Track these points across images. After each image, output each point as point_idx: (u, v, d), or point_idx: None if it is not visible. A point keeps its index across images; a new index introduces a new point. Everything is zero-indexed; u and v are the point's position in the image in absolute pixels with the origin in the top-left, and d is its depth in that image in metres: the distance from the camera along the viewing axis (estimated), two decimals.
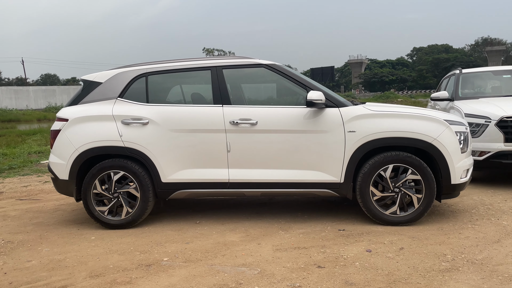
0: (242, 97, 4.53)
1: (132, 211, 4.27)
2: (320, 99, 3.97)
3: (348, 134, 4.03)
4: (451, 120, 4.13)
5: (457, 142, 4.04)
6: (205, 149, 4.17)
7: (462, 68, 7.51)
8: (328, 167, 4.09)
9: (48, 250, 3.81)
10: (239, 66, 4.38)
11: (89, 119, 4.29)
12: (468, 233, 3.83)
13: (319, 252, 3.49)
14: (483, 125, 5.61)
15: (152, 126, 4.20)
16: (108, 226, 4.31)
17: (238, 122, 4.11)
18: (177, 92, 4.71)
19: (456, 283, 2.85)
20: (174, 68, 4.40)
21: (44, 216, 5.01)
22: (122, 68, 4.51)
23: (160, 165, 4.19)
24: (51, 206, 5.47)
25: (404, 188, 4.05)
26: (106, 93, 4.38)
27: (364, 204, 4.11)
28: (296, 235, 3.94)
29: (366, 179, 4.06)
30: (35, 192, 6.40)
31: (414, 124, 4.02)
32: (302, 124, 4.10)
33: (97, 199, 4.30)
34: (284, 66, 4.38)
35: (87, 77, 4.55)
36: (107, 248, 3.76)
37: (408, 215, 4.08)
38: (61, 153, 4.31)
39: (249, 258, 3.41)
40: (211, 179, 4.18)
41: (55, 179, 4.39)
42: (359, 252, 3.45)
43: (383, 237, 3.77)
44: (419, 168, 4.00)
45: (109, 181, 4.26)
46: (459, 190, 4.18)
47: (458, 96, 6.80)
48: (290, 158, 4.12)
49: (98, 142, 4.22)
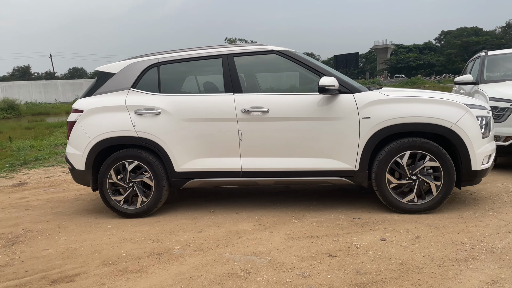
0: (254, 85, 4.46)
1: (146, 201, 4.30)
2: (333, 84, 3.87)
3: (362, 120, 3.92)
4: (471, 104, 3.95)
5: (478, 127, 3.88)
6: (217, 138, 4.15)
7: (488, 50, 7.20)
8: (343, 154, 4.00)
9: (65, 239, 3.89)
10: (251, 53, 4.31)
11: (103, 110, 4.33)
12: (489, 221, 3.68)
13: (331, 241, 3.42)
14: (509, 109, 5.36)
15: (165, 115, 4.20)
16: (124, 215, 4.37)
17: (249, 111, 4.06)
18: (189, 81, 4.69)
19: (472, 273, 2.74)
20: (185, 57, 4.37)
21: (64, 205, 5.12)
22: (135, 58, 4.52)
23: (173, 155, 4.19)
24: (72, 196, 5.59)
25: (421, 175, 3.92)
26: (120, 84, 4.40)
27: (380, 192, 4.00)
28: (309, 223, 3.88)
29: (382, 166, 3.95)
30: (58, 183, 6.56)
31: (431, 109, 3.87)
32: (315, 111, 4.01)
33: (112, 188, 4.36)
34: (297, 52, 4.29)
35: (101, 68, 4.59)
36: (121, 237, 3.81)
37: (426, 203, 3.95)
38: (77, 144, 4.38)
39: (260, 246, 3.38)
40: (224, 168, 4.16)
41: (72, 169, 4.47)
42: (373, 241, 3.37)
43: (399, 226, 3.67)
44: (438, 154, 3.86)
45: (124, 171, 4.30)
46: (481, 177, 4.01)
47: (483, 79, 6.53)
48: (303, 146, 4.05)
49: (112, 132, 4.26)
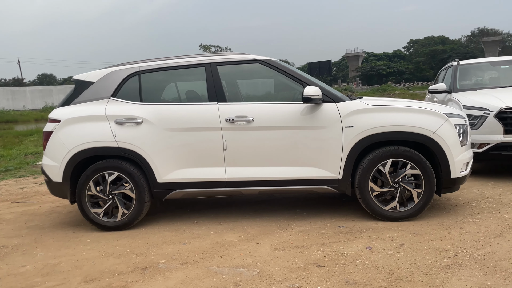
0: (238, 94, 4.45)
1: (128, 213, 4.20)
2: (316, 94, 3.90)
3: (346, 129, 3.97)
4: (450, 113, 4.06)
5: (456, 135, 3.98)
6: (201, 147, 4.10)
7: (459, 60, 7.44)
8: (326, 163, 4.02)
9: (43, 254, 3.74)
10: (234, 63, 4.30)
11: (81, 119, 4.21)
12: (470, 228, 3.77)
13: (318, 250, 3.42)
14: (482, 116, 5.54)
15: (146, 125, 4.12)
16: (104, 228, 4.24)
17: (234, 120, 4.04)
18: (171, 90, 4.62)
19: (458, 280, 2.79)
20: (167, 65, 4.31)
21: (39, 219, 4.94)
22: (115, 66, 4.43)
23: (155, 165, 4.11)
24: (47, 209, 5.39)
25: (403, 183, 3.99)
26: (99, 93, 4.30)
27: (364, 200, 4.05)
28: (295, 233, 3.88)
29: (365, 174, 4.00)
30: (31, 194, 6.32)
31: (412, 118, 3.96)
32: (299, 120, 4.02)
33: (92, 201, 4.23)
34: (280, 62, 4.30)
35: (79, 76, 4.47)
36: (102, 251, 3.69)
37: (408, 210, 4.02)
38: (54, 155, 4.24)
39: (247, 258, 3.35)
40: (208, 178, 4.11)
41: (49, 181, 4.32)
42: (359, 249, 3.39)
43: (383, 234, 3.72)
44: (418, 162, 3.93)
45: (103, 183, 4.19)
46: (459, 184, 4.12)
47: (456, 88, 6.74)
48: (287, 155, 4.05)
49: (92, 143, 4.14)
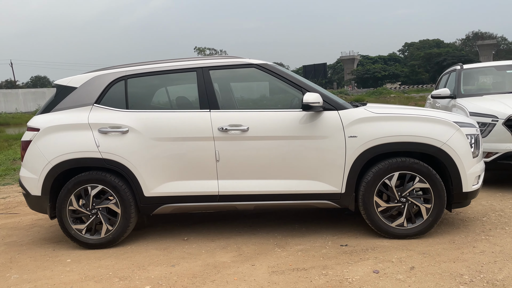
0: (232, 100, 4.14)
1: (112, 229, 3.87)
2: (317, 101, 3.60)
3: (349, 139, 3.66)
4: (461, 122, 3.77)
5: (468, 146, 3.69)
6: (191, 159, 3.78)
7: (462, 64, 7.17)
8: (328, 176, 3.72)
9: (17, 277, 3.40)
10: (228, 67, 3.98)
11: (62, 128, 3.88)
12: (483, 247, 3.48)
13: (320, 274, 3.11)
14: (490, 124, 5.26)
15: (133, 134, 3.80)
16: (87, 246, 3.90)
17: (227, 129, 3.72)
18: (159, 96, 4.30)
19: None
20: (155, 70, 3.99)
21: (18, 233, 4.59)
22: (99, 71, 4.10)
23: (142, 178, 3.79)
24: (28, 222, 5.05)
25: (411, 197, 3.69)
26: (82, 99, 3.97)
27: (368, 216, 3.74)
28: (294, 252, 3.56)
29: (370, 188, 3.69)
30: (13, 205, 5.97)
31: (421, 127, 3.66)
32: (298, 129, 3.72)
33: (73, 216, 3.90)
34: (277, 66, 3.99)
35: (61, 81, 4.13)
36: (82, 274, 3.35)
37: (416, 227, 3.72)
38: (33, 167, 3.90)
39: (241, 284, 3.02)
40: (199, 192, 3.79)
41: (27, 195, 3.98)
42: (366, 273, 3.08)
43: (391, 254, 3.41)
44: (428, 175, 3.64)
45: (86, 197, 3.86)
46: (471, 199, 3.83)
47: (460, 93, 6.46)
48: (285, 167, 3.74)
49: (73, 153, 3.81)
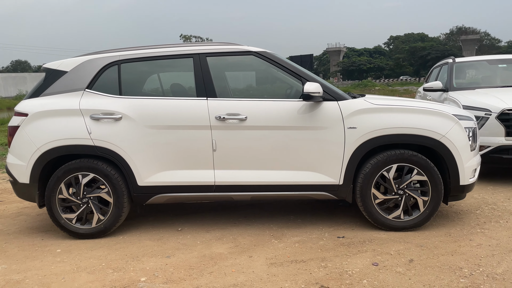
0: (230, 89, 4.03)
1: (104, 219, 3.75)
2: (317, 91, 3.53)
3: (348, 130, 3.61)
4: (460, 115, 3.76)
5: (466, 139, 3.68)
6: (187, 148, 3.68)
7: (454, 57, 7.19)
8: (326, 167, 3.67)
9: (5, 267, 3.27)
10: (226, 54, 3.88)
11: (52, 113, 3.73)
12: (480, 240, 3.48)
13: (319, 266, 3.07)
14: (483, 118, 5.28)
15: (126, 121, 3.68)
16: (77, 235, 3.79)
17: (225, 118, 3.63)
18: (154, 82, 4.17)
19: None
20: (150, 55, 3.86)
21: (4, 222, 4.44)
22: (91, 55, 3.95)
23: (135, 166, 3.68)
24: (14, 210, 4.89)
25: (408, 190, 3.67)
26: (72, 84, 3.82)
27: (365, 207, 3.71)
28: (291, 244, 3.51)
29: (368, 180, 3.66)
30: None
31: (420, 120, 3.63)
32: (297, 119, 3.65)
33: (63, 205, 3.77)
34: (276, 54, 3.90)
35: (50, 65, 3.97)
36: (74, 265, 3.25)
37: (413, 219, 3.70)
38: (21, 153, 3.76)
39: (240, 276, 2.96)
40: (195, 181, 3.70)
41: (14, 182, 3.84)
42: (365, 265, 3.05)
43: (388, 246, 3.39)
44: (426, 168, 3.62)
45: (77, 185, 3.73)
46: (467, 192, 3.83)
47: (452, 87, 6.47)
48: (283, 158, 3.68)
49: (63, 140, 3.67)
